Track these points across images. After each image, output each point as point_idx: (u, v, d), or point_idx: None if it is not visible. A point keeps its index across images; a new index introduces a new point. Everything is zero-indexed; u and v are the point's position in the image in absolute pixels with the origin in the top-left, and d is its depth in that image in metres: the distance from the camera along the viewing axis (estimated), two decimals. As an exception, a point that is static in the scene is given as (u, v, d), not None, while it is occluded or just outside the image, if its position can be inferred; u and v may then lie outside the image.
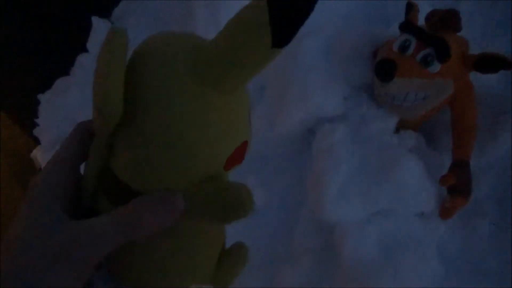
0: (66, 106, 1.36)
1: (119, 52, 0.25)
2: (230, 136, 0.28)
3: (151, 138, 0.26)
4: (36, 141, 1.44)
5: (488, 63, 0.75)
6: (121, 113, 0.25)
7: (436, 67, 0.76)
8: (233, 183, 0.28)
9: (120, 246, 0.27)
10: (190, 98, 0.26)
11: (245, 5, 0.24)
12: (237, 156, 0.30)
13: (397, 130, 0.90)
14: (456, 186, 0.79)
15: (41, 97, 1.43)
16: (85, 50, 1.43)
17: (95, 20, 1.42)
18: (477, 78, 0.83)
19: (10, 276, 0.24)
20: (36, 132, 1.43)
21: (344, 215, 0.82)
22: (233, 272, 0.35)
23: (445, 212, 0.83)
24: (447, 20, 0.75)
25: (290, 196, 0.96)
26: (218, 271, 0.34)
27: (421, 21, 0.84)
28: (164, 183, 0.27)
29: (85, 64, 1.43)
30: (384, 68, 0.77)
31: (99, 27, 1.43)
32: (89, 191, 0.30)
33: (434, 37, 0.76)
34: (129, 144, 0.27)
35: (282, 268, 0.89)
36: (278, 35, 0.23)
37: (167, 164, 0.26)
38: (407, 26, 0.81)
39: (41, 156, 1.39)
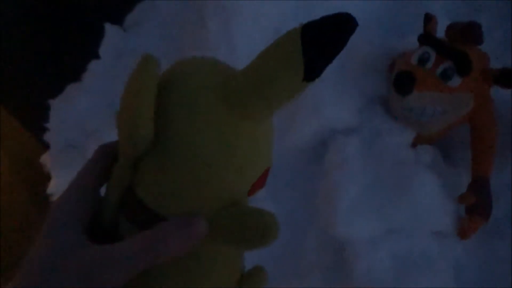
0: (76, 112, 1.36)
1: (151, 80, 0.25)
2: (255, 164, 0.28)
3: (179, 163, 0.26)
4: (46, 146, 1.44)
5: (510, 78, 0.72)
6: (150, 142, 0.26)
7: (456, 81, 0.73)
8: (258, 209, 0.28)
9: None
10: (219, 126, 0.26)
11: (279, 37, 0.25)
12: (261, 182, 0.30)
13: (414, 144, 0.87)
14: (475, 205, 0.76)
15: (51, 102, 1.43)
16: (97, 56, 1.43)
17: (107, 26, 1.43)
18: (496, 94, 0.80)
19: None
20: (46, 137, 1.43)
21: (356, 233, 0.79)
22: None
23: (463, 232, 0.79)
24: (468, 32, 0.73)
25: (300, 210, 0.93)
26: None
27: (439, 33, 0.81)
28: (188, 208, 0.27)
29: (97, 71, 1.43)
30: (403, 81, 0.74)
31: (112, 34, 1.43)
32: (110, 212, 0.30)
33: (455, 50, 0.73)
34: (157, 168, 0.27)
35: (290, 284, 0.86)
36: (311, 69, 0.23)
37: (193, 190, 0.27)
38: (427, 38, 0.78)
39: (50, 161, 1.38)
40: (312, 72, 0.23)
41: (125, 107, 0.26)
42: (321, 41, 0.23)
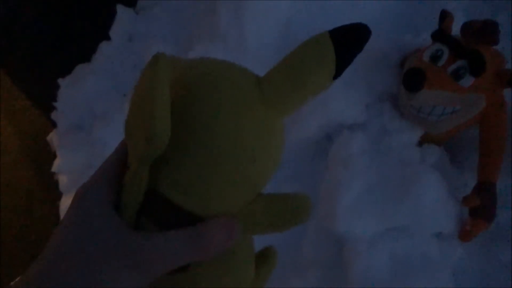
0: (84, 92, 1.36)
1: (164, 79, 0.25)
2: (282, 156, 0.30)
3: (224, 161, 0.26)
4: (53, 124, 1.44)
5: (525, 81, 0.70)
6: (167, 143, 0.25)
7: (468, 80, 0.71)
8: (287, 193, 0.30)
9: (190, 268, 0.28)
10: (259, 123, 0.27)
11: (307, 40, 0.27)
12: None
13: (420, 143, 0.85)
14: (479, 208, 0.75)
15: (61, 81, 1.43)
16: (107, 37, 1.43)
17: (119, 8, 1.42)
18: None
19: (82, 276, 0.24)
20: (53, 115, 1.44)
21: (356, 230, 0.78)
22: (266, 275, 0.36)
23: (464, 235, 0.78)
24: (484, 32, 0.70)
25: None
26: (257, 275, 0.35)
27: (454, 32, 0.79)
28: (227, 206, 0.28)
29: (106, 52, 1.43)
30: (412, 78, 0.72)
31: (123, 16, 1.43)
32: (129, 217, 0.28)
33: (469, 49, 0.71)
34: (197, 168, 0.26)
35: (289, 278, 0.86)
36: (340, 68, 0.27)
37: (238, 187, 0.28)
38: (441, 35, 0.76)
39: (56, 140, 1.39)
40: (340, 70, 0.27)
41: (139, 109, 0.26)
42: (349, 44, 0.26)
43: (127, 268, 0.25)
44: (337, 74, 0.27)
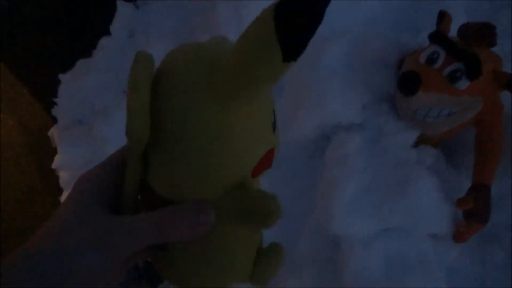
0: (85, 88, 1.37)
1: (143, 79, 0.26)
2: (253, 146, 0.29)
3: (180, 156, 0.28)
4: (54, 120, 1.45)
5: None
6: (147, 137, 0.27)
7: (464, 83, 0.71)
8: (261, 192, 0.30)
9: (169, 248, 0.31)
10: (210, 119, 0.27)
11: (252, 21, 0.24)
12: (264, 163, 0.31)
13: (416, 144, 0.85)
14: (474, 210, 0.75)
15: (61, 77, 1.44)
16: (108, 33, 1.43)
17: (120, 3, 1.42)
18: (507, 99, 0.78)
19: (50, 254, 0.27)
20: (54, 111, 1.45)
21: (352, 230, 0.79)
22: (271, 271, 0.36)
23: (459, 236, 0.79)
24: (482, 34, 0.70)
25: (299, 202, 0.93)
26: (256, 270, 0.35)
27: (453, 31, 0.78)
28: (195, 194, 0.29)
29: (107, 47, 1.43)
30: (407, 82, 0.72)
31: (124, 11, 1.42)
32: (128, 203, 0.31)
33: (466, 52, 0.70)
34: (161, 161, 0.29)
35: (283, 276, 0.87)
36: (288, 49, 0.22)
37: (195, 179, 0.29)
38: (437, 37, 0.75)
39: (57, 136, 1.40)
40: (290, 51, 0.22)
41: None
42: (295, 18, 0.22)
43: (92, 246, 0.27)
44: (289, 56, 0.23)
